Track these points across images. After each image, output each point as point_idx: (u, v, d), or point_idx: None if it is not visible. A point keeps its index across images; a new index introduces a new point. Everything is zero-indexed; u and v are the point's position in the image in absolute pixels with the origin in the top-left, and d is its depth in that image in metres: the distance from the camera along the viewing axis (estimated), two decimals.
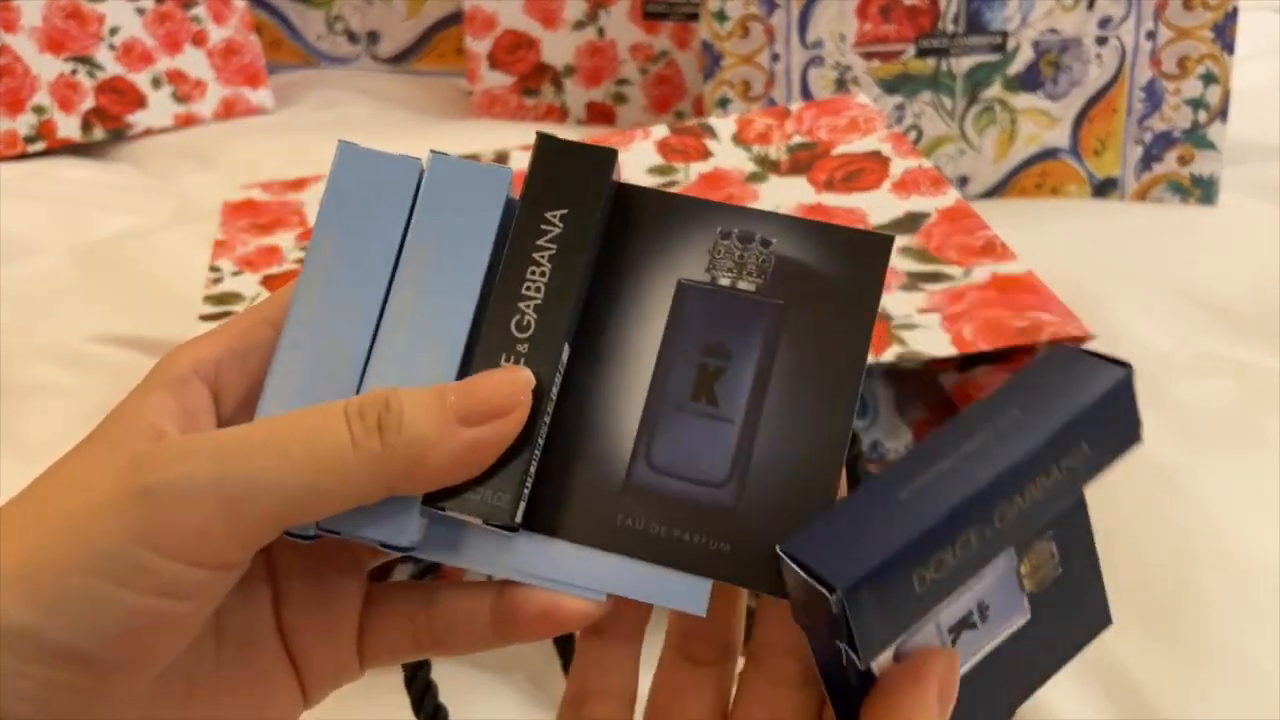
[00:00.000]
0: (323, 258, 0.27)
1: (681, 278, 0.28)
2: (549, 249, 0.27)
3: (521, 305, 0.26)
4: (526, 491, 0.26)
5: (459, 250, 0.27)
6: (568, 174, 0.27)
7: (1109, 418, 0.26)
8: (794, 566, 0.24)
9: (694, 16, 0.98)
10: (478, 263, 0.27)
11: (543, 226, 0.27)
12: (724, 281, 0.27)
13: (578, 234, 0.27)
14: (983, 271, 0.53)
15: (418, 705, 0.42)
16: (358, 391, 0.26)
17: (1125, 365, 0.27)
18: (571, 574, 0.26)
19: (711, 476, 0.27)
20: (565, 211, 0.27)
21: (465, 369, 0.26)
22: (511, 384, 0.25)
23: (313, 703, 0.29)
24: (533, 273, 0.26)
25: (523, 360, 0.26)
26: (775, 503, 0.26)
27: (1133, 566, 0.50)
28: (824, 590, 0.23)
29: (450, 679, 0.43)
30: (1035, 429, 0.26)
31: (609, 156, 0.27)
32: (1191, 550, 0.50)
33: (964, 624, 0.27)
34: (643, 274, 0.28)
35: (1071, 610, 0.28)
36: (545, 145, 0.27)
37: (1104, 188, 0.86)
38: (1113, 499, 0.53)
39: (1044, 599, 0.28)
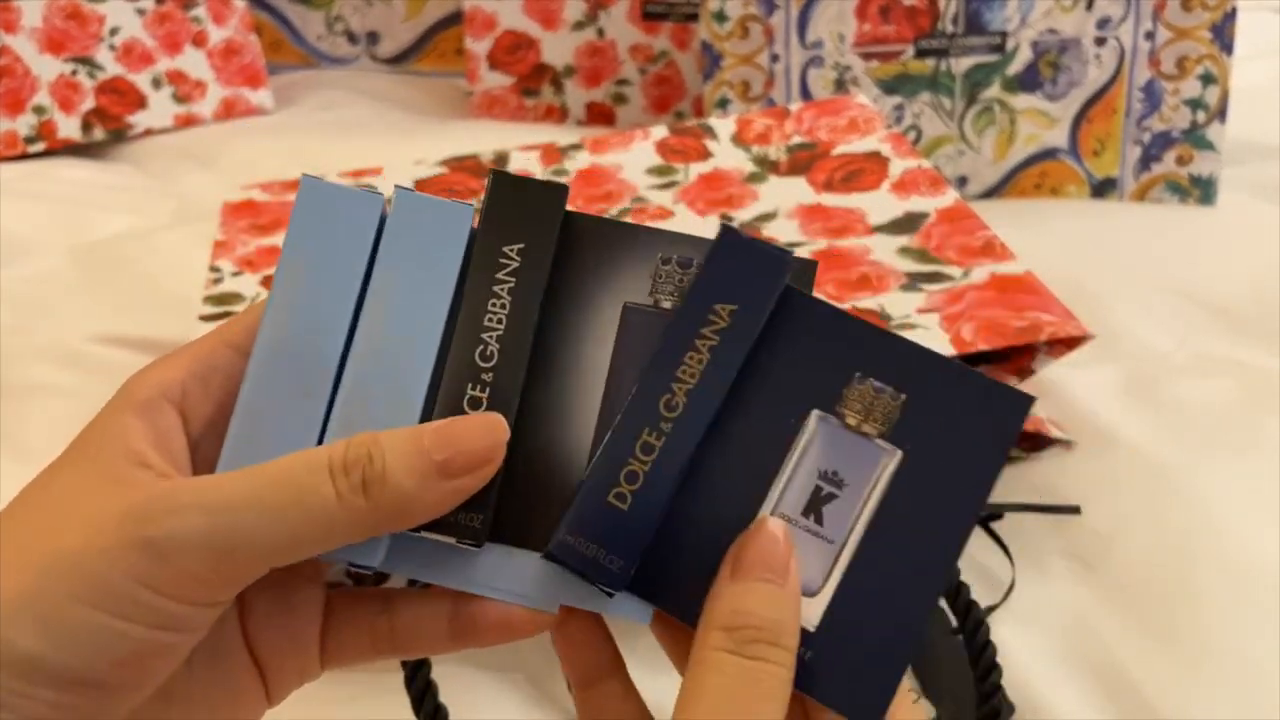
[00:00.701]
0: (289, 289, 0.27)
1: (628, 301, 0.29)
2: (508, 282, 0.28)
3: (485, 336, 0.28)
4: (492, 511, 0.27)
5: (424, 283, 0.28)
6: (522, 208, 0.28)
7: (729, 269, 0.27)
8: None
9: (694, 17, 0.98)
10: (442, 295, 0.28)
11: (501, 260, 0.28)
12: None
13: (534, 267, 0.28)
14: (982, 272, 0.53)
15: (418, 705, 0.42)
16: (325, 421, 0.27)
17: (736, 231, 0.28)
18: (526, 586, 0.28)
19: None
20: (522, 245, 0.28)
21: (432, 398, 0.27)
22: (489, 432, 0.26)
23: (275, 702, 0.30)
24: (494, 304, 0.28)
25: (489, 389, 0.27)
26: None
27: (1133, 566, 0.50)
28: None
29: (450, 679, 0.43)
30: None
31: (561, 192, 0.29)
32: (1191, 550, 0.50)
33: (817, 500, 0.27)
34: (589, 299, 0.29)
35: (959, 417, 0.27)
36: (499, 181, 0.29)
37: (1103, 188, 0.86)
38: (1113, 499, 0.53)
39: (907, 430, 0.27)
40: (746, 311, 0.27)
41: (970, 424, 0.27)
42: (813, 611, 0.27)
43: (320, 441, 0.27)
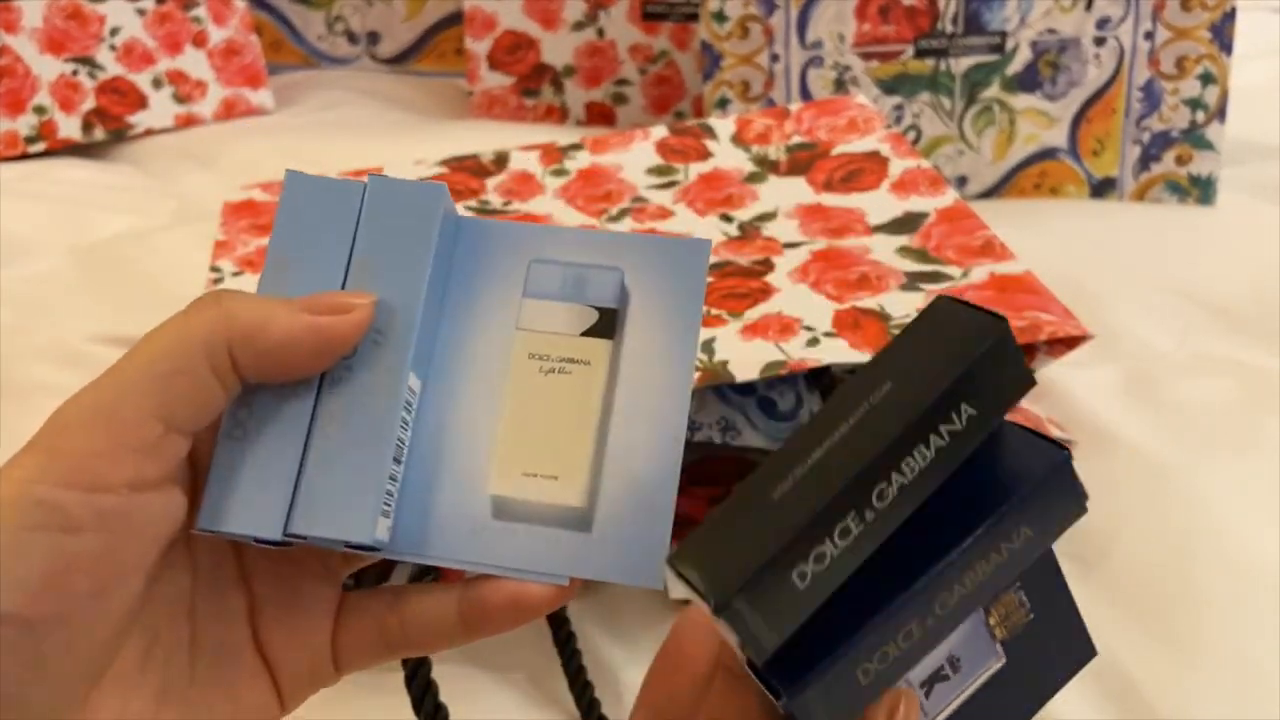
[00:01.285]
0: (275, 275, 0.28)
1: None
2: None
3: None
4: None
5: (400, 263, 0.28)
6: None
7: (1048, 501, 0.27)
8: (732, 632, 0.25)
9: (693, 17, 0.98)
10: (420, 273, 0.28)
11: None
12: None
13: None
14: (981, 271, 0.54)
15: (418, 705, 0.42)
16: (317, 395, 0.27)
17: (1063, 448, 0.28)
18: (532, 561, 0.28)
19: None
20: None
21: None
22: (353, 295, 0.28)
23: (289, 709, 0.29)
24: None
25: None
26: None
27: (1133, 566, 0.50)
28: (766, 688, 0.25)
29: (450, 679, 0.43)
30: (973, 519, 0.26)
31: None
32: (1191, 550, 0.50)
33: (936, 677, 0.28)
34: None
35: (1049, 649, 0.30)
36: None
37: (1102, 188, 0.87)
38: (1113, 499, 0.53)
39: (1018, 643, 0.29)
40: (1039, 539, 0.28)
41: (1057, 656, 0.30)
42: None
43: (311, 420, 0.27)
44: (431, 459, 0.29)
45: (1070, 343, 0.51)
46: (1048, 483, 0.27)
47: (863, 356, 0.47)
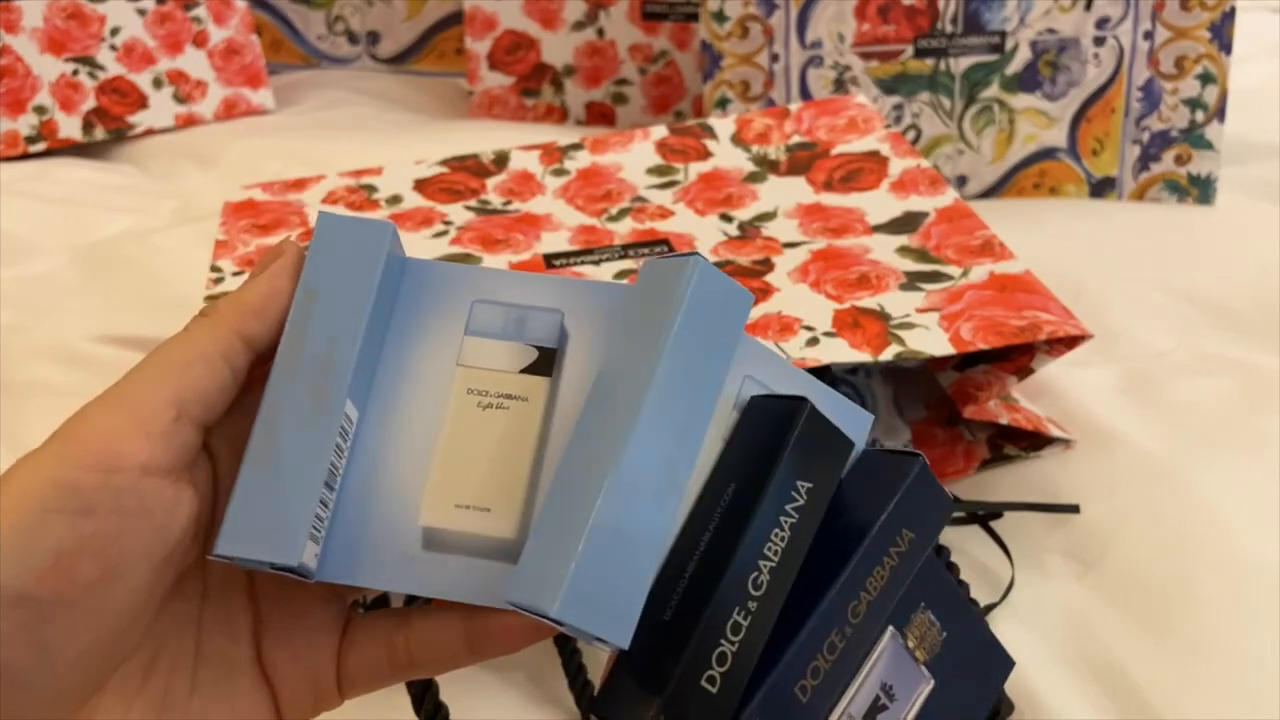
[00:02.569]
0: (306, 308, 0.29)
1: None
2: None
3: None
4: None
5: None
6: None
7: (918, 503, 0.30)
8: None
9: (693, 17, 0.98)
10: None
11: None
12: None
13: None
14: (981, 271, 0.54)
15: (418, 705, 0.42)
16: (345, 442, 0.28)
17: (917, 455, 0.31)
18: (465, 591, 0.29)
19: None
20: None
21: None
22: (278, 243, 0.30)
23: None
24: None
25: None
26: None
27: (1132, 566, 0.50)
28: None
29: (450, 679, 0.43)
30: (860, 533, 0.29)
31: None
32: (1190, 549, 0.50)
33: (875, 708, 0.30)
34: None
35: (970, 665, 0.32)
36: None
37: (1102, 187, 0.87)
38: (1112, 499, 0.54)
39: (940, 663, 0.31)
40: (921, 541, 0.30)
41: (974, 670, 0.32)
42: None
43: (335, 453, 0.28)
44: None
45: (1069, 342, 0.51)
46: (913, 487, 0.30)
47: (863, 356, 0.47)
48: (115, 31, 0.98)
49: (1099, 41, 0.84)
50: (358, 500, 0.29)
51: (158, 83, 1.00)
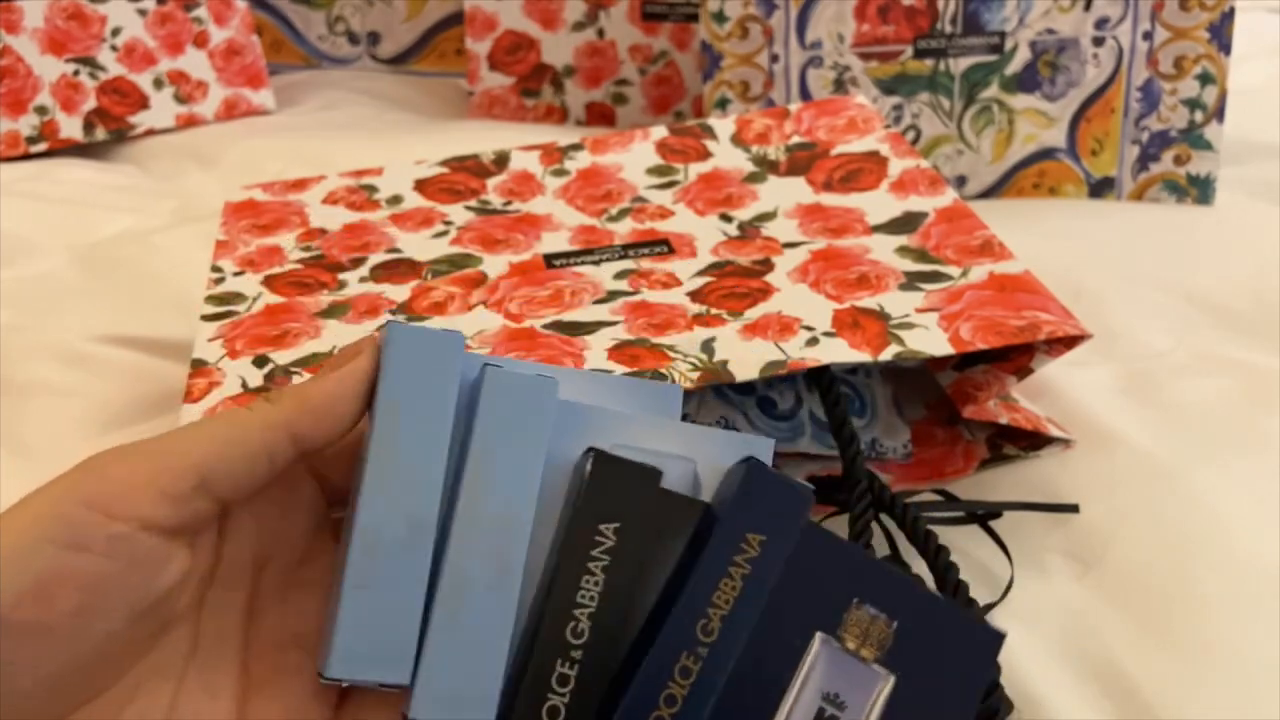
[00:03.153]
0: (386, 443, 0.29)
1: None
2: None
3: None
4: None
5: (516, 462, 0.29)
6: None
7: (757, 504, 0.29)
8: None
9: (693, 17, 0.98)
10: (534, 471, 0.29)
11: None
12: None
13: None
14: (980, 271, 0.54)
15: None
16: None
17: (755, 464, 0.29)
18: None
19: None
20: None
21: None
22: (356, 341, 0.30)
23: None
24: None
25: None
26: None
27: (1132, 566, 0.50)
28: None
29: None
30: (694, 552, 0.28)
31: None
32: (1190, 549, 0.50)
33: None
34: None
35: (942, 649, 0.30)
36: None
37: (1101, 187, 0.87)
38: (1112, 499, 0.54)
39: (899, 655, 0.29)
40: (775, 542, 0.28)
41: (951, 654, 0.30)
42: None
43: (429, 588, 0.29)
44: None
45: (1069, 342, 0.51)
46: (746, 490, 0.29)
47: (863, 356, 0.48)
48: (116, 32, 0.98)
49: (1098, 42, 0.84)
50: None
51: (158, 83, 1.00)
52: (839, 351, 0.48)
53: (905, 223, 0.58)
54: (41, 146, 0.95)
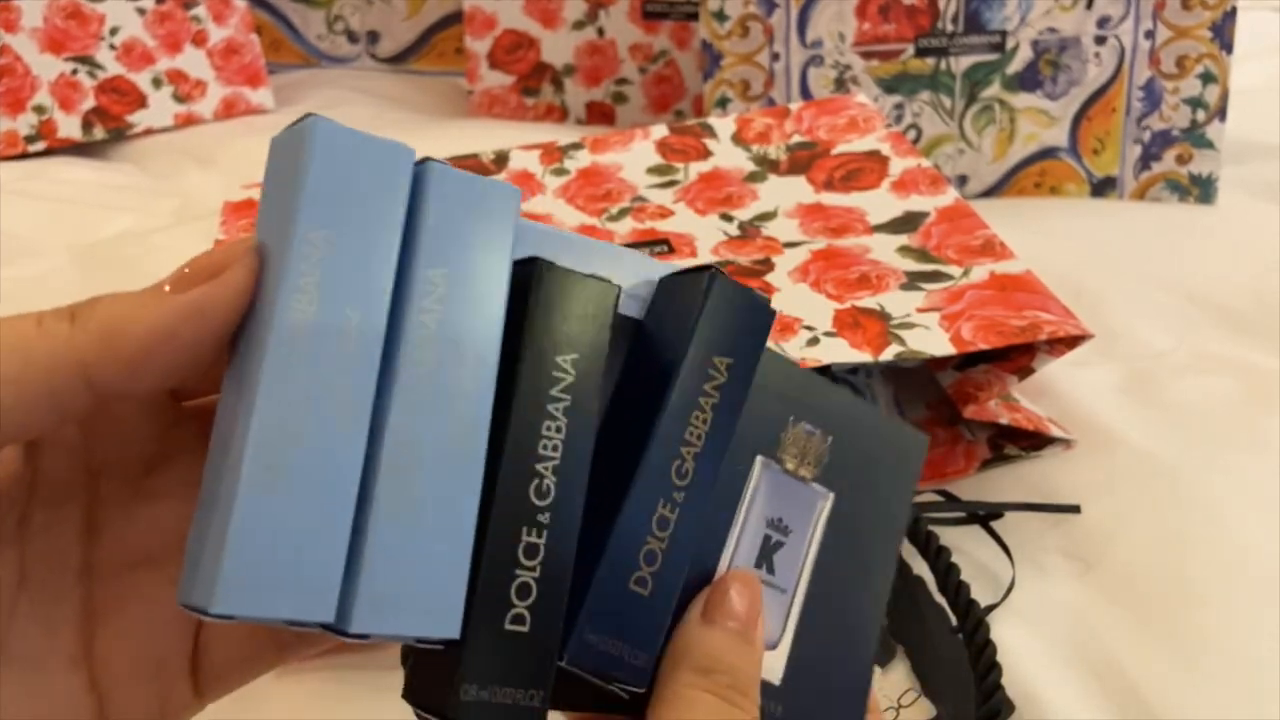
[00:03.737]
0: (310, 260, 0.22)
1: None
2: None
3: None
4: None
5: (475, 277, 0.23)
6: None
7: (722, 322, 0.25)
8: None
9: (694, 16, 0.98)
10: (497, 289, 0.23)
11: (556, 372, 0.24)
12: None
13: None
14: (981, 271, 0.54)
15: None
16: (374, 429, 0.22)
17: (707, 268, 0.25)
18: None
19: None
20: (575, 356, 0.24)
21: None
22: (228, 247, 0.22)
23: None
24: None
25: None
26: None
27: (1132, 566, 0.50)
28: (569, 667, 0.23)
29: None
30: (661, 383, 0.24)
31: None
32: (1191, 549, 0.50)
33: (768, 548, 0.26)
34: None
35: (875, 458, 0.28)
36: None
37: (1102, 187, 0.86)
38: (1112, 498, 0.53)
39: (836, 470, 0.28)
40: (741, 364, 0.25)
41: (883, 460, 0.28)
42: (775, 664, 0.26)
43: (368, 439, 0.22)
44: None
45: (1070, 342, 0.51)
46: (712, 306, 0.24)
47: (863, 356, 0.47)
48: (115, 31, 0.98)
49: (1100, 41, 0.84)
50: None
51: (157, 82, 1.00)
52: (840, 351, 0.48)
53: (906, 222, 0.58)
54: (40, 146, 0.95)
